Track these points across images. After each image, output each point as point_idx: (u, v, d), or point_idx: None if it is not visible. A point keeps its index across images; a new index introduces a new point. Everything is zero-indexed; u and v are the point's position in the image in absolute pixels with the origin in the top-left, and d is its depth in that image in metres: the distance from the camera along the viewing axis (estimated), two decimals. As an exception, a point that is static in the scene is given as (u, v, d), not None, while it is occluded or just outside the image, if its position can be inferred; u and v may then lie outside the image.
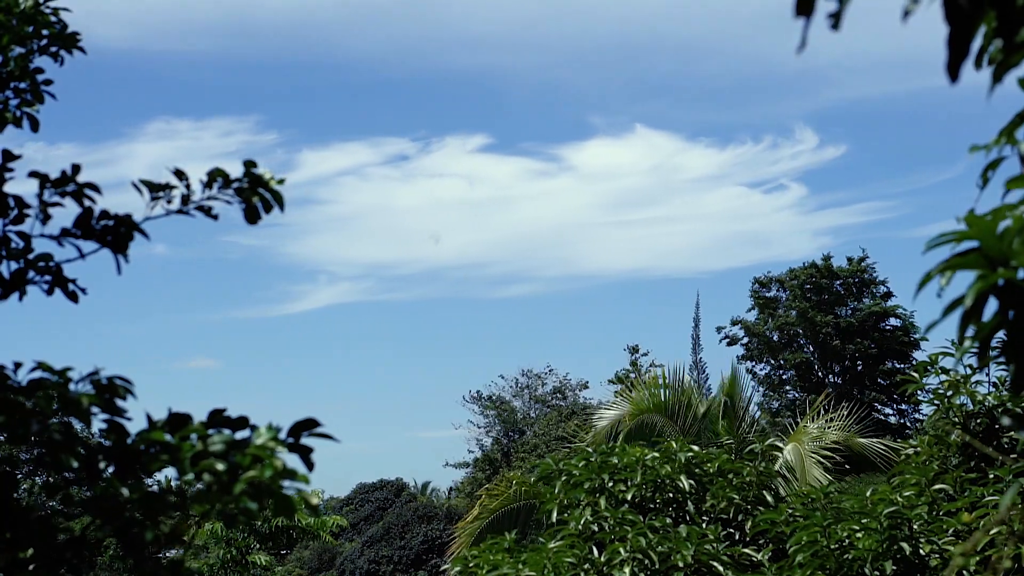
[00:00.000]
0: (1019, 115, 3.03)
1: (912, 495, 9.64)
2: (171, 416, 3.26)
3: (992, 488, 9.16)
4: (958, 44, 2.43)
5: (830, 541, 9.36)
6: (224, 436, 3.16)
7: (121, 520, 3.25)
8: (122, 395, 3.38)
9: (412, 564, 53.75)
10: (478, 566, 10.41)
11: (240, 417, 3.25)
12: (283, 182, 3.92)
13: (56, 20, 5.21)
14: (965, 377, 9.99)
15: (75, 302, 4.21)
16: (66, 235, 4.07)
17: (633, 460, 11.19)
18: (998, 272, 2.15)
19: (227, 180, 3.90)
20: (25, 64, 5.12)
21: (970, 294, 2.16)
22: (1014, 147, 3.02)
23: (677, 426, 19.92)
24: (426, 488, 70.10)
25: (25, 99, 5.11)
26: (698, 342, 54.20)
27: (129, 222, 3.98)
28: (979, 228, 2.21)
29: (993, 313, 2.19)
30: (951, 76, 2.48)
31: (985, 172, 3.15)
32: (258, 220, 3.87)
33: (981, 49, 2.56)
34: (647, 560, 9.78)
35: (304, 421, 3.22)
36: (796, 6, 2.43)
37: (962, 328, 2.19)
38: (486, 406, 62.27)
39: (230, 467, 3.08)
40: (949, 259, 2.23)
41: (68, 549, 3.41)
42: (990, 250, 2.18)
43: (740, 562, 10.20)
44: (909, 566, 9.21)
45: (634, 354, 56.24)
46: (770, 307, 54.65)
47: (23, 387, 3.45)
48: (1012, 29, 2.40)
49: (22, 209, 4.17)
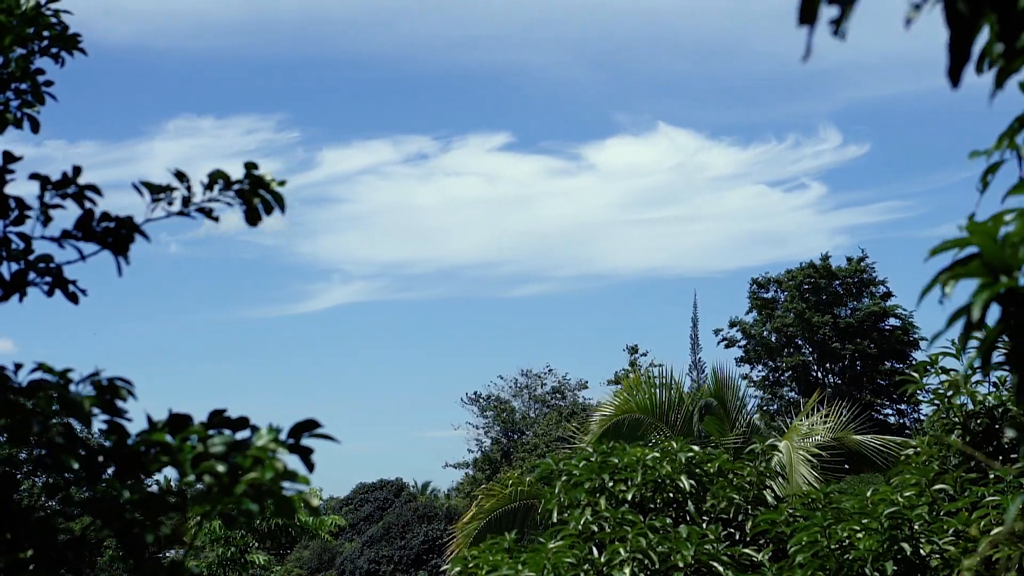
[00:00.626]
0: (1019, 119, 3.03)
1: (912, 495, 9.64)
2: (171, 417, 3.26)
3: (992, 488, 9.16)
4: (959, 48, 2.43)
5: (830, 541, 9.36)
6: (225, 437, 3.16)
7: (121, 521, 3.26)
8: (123, 396, 3.38)
9: (412, 564, 53.76)
10: (478, 566, 10.40)
11: (240, 418, 3.25)
12: (284, 183, 3.92)
13: (57, 21, 5.21)
14: (965, 377, 9.98)
15: (75, 303, 4.21)
16: (67, 237, 4.07)
17: (633, 460, 11.19)
18: (1001, 282, 2.15)
19: (228, 182, 3.89)
20: (26, 65, 5.13)
21: (976, 305, 2.16)
22: (1014, 151, 3.02)
23: (666, 426, 19.92)
24: (426, 488, 70.12)
25: (26, 100, 5.12)
26: (696, 342, 54.25)
27: (130, 224, 3.98)
28: (980, 235, 2.21)
29: (996, 321, 2.19)
30: (952, 81, 2.48)
31: (985, 176, 3.14)
32: (259, 222, 3.87)
33: (983, 53, 2.56)
34: (647, 560, 9.78)
35: (304, 422, 3.22)
36: (799, 15, 2.43)
37: (964, 337, 2.19)
38: (485, 407, 62.27)
39: (231, 468, 3.09)
40: (951, 267, 2.23)
41: (68, 550, 3.42)
42: (991, 258, 2.19)
43: (740, 562, 10.20)
44: (910, 566, 9.20)
45: (633, 354, 56.27)
46: (768, 308, 54.59)
47: (23, 388, 3.45)
48: (1013, 33, 2.40)
49: (23, 210, 4.17)
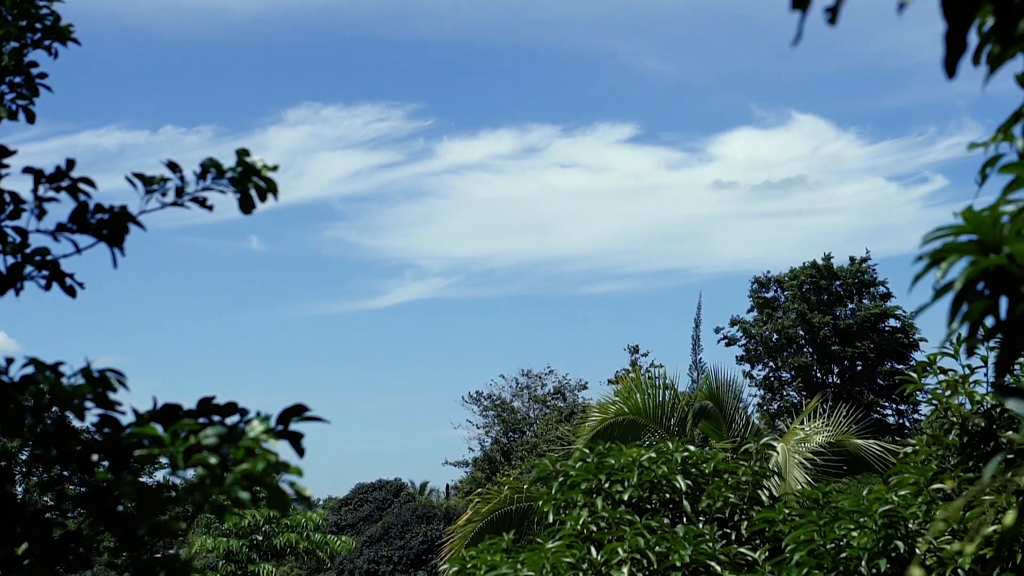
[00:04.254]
0: (1016, 112, 3.02)
1: (908, 494, 9.64)
2: (161, 408, 3.25)
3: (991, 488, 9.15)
4: (955, 39, 2.42)
5: (826, 540, 9.35)
6: (216, 429, 3.15)
7: (115, 515, 3.25)
8: (114, 388, 3.37)
9: (411, 564, 53.75)
10: (476, 566, 10.39)
11: (228, 403, 3.24)
12: (276, 169, 3.91)
13: (49, 13, 5.21)
14: (963, 377, 9.98)
15: (73, 296, 4.21)
16: (62, 230, 4.07)
17: (629, 461, 11.19)
18: (989, 258, 2.15)
19: (220, 170, 3.88)
20: (19, 58, 5.13)
21: (960, 278, 2.16)
22: (1011, 143, 3.01)
23: (661, 428, 19.89)
24: (424, 488, 70.11)
25: (21, 93, 5.12)
26: (698, 342, 54.20)
27: (125, 215, 3.98)
28: (975, 223, 2.21)
29: (984, 298, 2.19)
30: (948, 71, 2.47)
31: (983, 169, 3.14)
32: (252, 210, 3.86)
33: (979, 44, 2.55)
34: (645, 560, 9.78)
35: (293, 407, 3.21)
36: (792, 0, 2.42)
37: (952, 311, 2.19)
38: (486, 406, 62.25)
39: (223, 460, 3.07)
40: (944, 246, 2.23)
41: (64, 544, 3.40)
42: (984, 237, 2.18)
43: (736, 561, 10.19)
44: (905, 564, 9.20)
45: (634, 354, 56.25)
46: (769, 308, 54.56)
47: (15, 383, 3.45)
48: (1009, 23, 2.39)
49: (18, 204, 4.17)
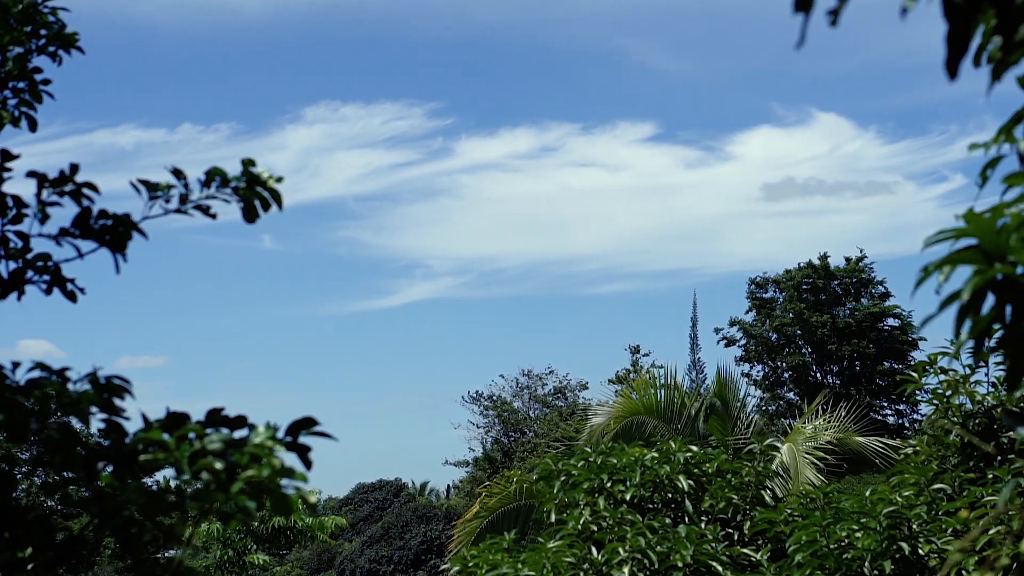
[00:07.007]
0: (1017, 113, 3.03)
1: (911, 495, 9.64)
2: (168, 416, 3.25)
3: (991, 488, 9.15)
4: (956, 41, 2.43)
5: (829, 541, 9.35)
6: (222, 435, 3.16)
7: (119, 519, 3.25)
8: (120, 394, 3.38)
9: (411, 564, 53.75)
10: (477, 566, 10.39)
11: (238, 416, 3.24)
12: (281, 180, 3.91)
13: (54, 20, 5.21)
14: (964, 377, 9.97)
15: (74, 301, 4.21)
16: (64, 235, 4.06)
17: (632, 460, 11.19)
18: (995, 267, 2.16)
19: (225, 179, 3.88)
20: (23, 64, 5.12)
21: (967, 288, 2.16)
22: (1013, 145, 3.01)
23: (668, 427, 19.90)
24: (425, 488, 70.12)
25: (24, 99, 5.12)
26: (695, 342, 54.19)
27: (127, 221, 3.98)
28: (977, 225, 2.21)
29: (990, 308, 2.19)
30: (949, 73, 2.47)
31: (984, 170, 3.14)
32: (256, 219, 3.86)
33: (980, 47, 2.56)
34: (646, 560, 9.77)
35: (302, 420, 3.21)
36: (795, 2, 2.42)
37: (959, 323, 2.19)
38: (486, 406, 62.22)
39: (228, 466, 3.08)
40: (947, 255, 2.23)
41: (67, 548, 3.41)
42: (988, 246, 2.18)
43: (739, 562, 10.19)
44: (908, 566, 9.20)
45: (635, 354, 56.24)
46: (767, 308, 54.55)
47: (21, 387, 3.45)
48: (1011, 27, 2.40)
49: (20, 209, 4.16)
